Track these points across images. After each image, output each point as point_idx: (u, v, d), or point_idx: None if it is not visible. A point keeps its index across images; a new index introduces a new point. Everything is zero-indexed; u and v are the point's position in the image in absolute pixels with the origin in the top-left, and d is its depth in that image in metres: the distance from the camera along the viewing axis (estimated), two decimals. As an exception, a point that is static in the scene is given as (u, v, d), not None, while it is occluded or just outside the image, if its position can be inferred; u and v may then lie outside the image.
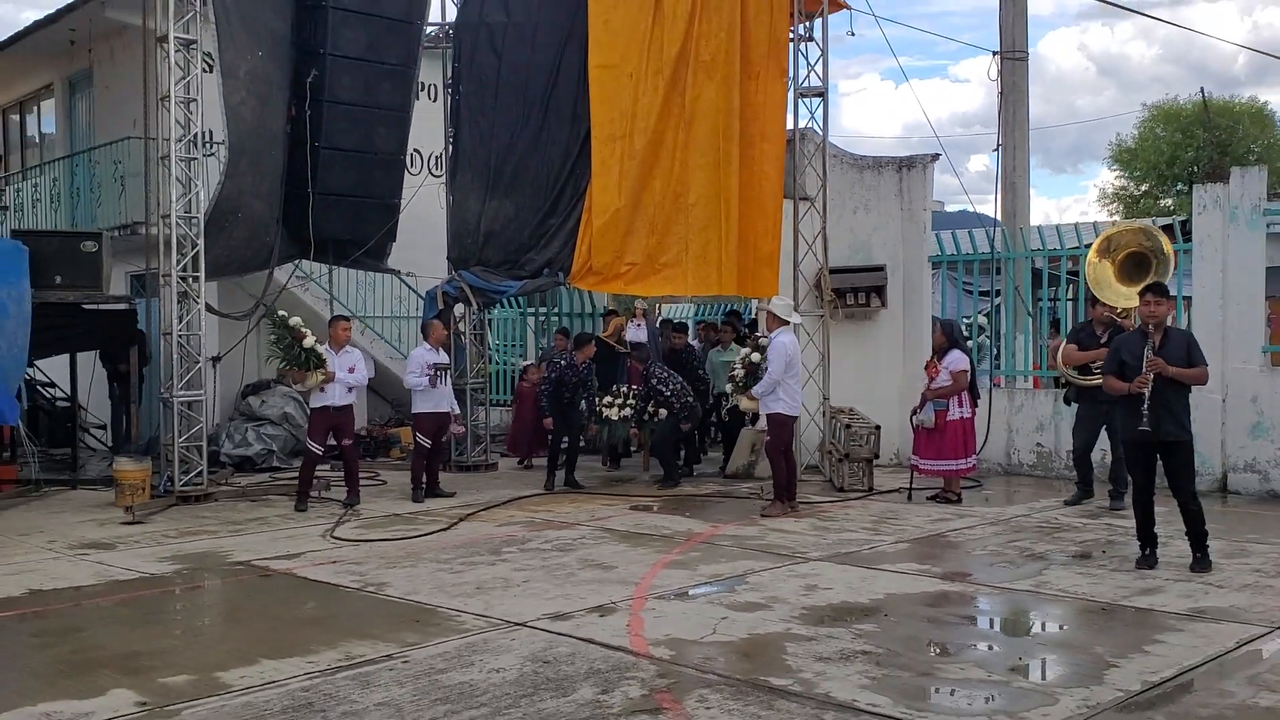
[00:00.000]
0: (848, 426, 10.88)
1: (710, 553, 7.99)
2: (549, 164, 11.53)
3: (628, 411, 11.36)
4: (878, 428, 10.91)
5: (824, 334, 11.96)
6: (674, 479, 11.10)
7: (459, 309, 12.16)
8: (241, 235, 11.52)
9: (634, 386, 11.59)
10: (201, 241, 10.74)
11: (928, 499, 10.10)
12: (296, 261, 13.45)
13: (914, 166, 12.79)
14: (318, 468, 10.08)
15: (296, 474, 10.34)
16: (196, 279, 10.74)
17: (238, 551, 8.17)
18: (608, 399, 11.48)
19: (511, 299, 14.76)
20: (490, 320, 14.49)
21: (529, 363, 13.36)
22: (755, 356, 9.45)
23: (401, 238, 13.17)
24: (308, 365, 9.68)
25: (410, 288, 15.55)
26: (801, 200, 11.89)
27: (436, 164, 15.94)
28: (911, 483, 10.24)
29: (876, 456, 10.90)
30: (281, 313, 10.04)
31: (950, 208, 24.48)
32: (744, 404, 9.66)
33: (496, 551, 8.02)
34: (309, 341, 9.72)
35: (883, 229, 12.83)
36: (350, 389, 9.90)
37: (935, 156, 12.88)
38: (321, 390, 9.79)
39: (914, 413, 10.14)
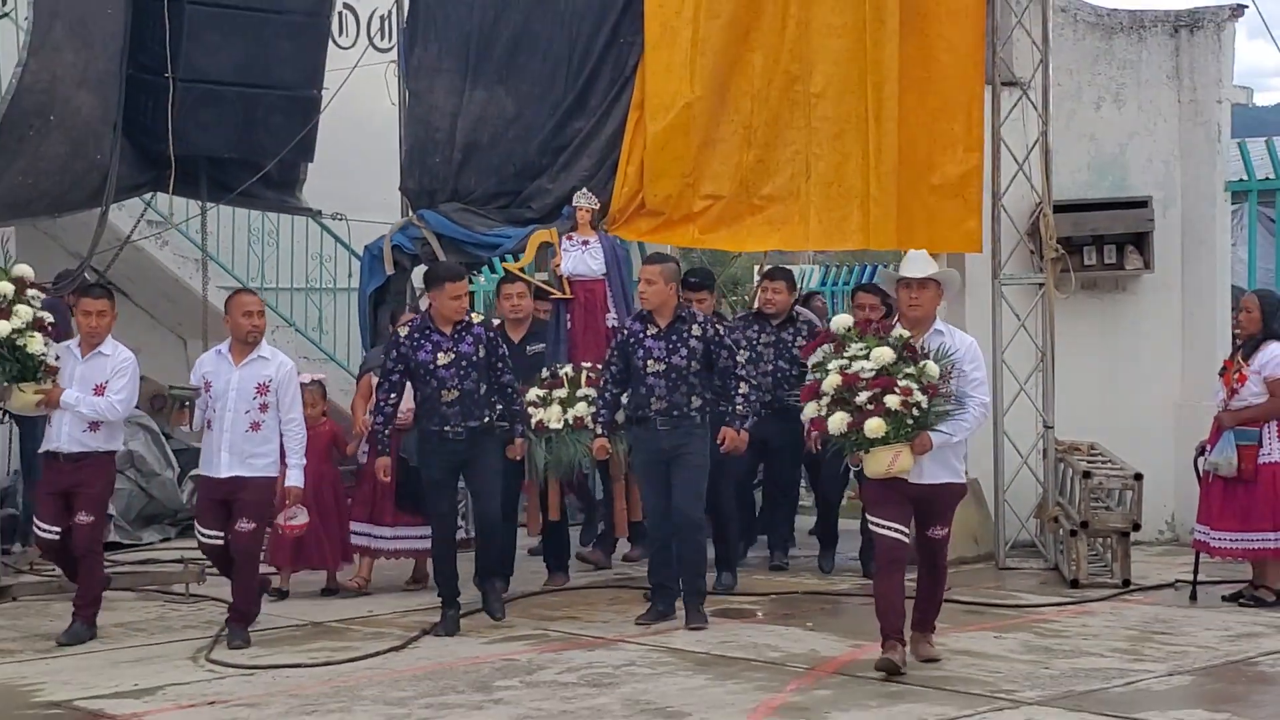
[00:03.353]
0: (1087, 475, 11.06)
1: (850, 691, 8.15)
2: (571, 27, 11.86)
3: (584, 409, 10.67)
4: (1138, 477, 11.10)
5: (1045, 316, 11.98)
6: (731, 571, 11.16)
7: (420, 275, 11.83)
8: (57, 151, 11.70)
9: (591, 365, 10.95)
10: (-11, 162, 10.93)
11: (1224, 599, 10.35)
12: (147, 197, 13.65)
13: (1201, 28, 13.00)
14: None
15: (152, 552, 10.66)
16: (-20, 224, 10.86)
17: (51, 685, 8.42)
18: (534, 392, 10.88)
19: (509, 258, 13.96)
20: (473, 294, 14.71)
21: (313, 378, 11.53)
22: (931, 368, 8.32)
23: (324, 155, 13.28)
24: (12, 369, 9.38)
25: (338, 239, 15.85)
26: (1005, 87, 12.03)
27: (382, 30, 16.33)
28: (1197, 571, 10.45)
29: (1136, 527, 11.08)
30: None
31: (1263, 99, 25.04)
32: (901, 463, 8.27)
33: (485, 687, 8.27)
34: (11, 324, 9.33)
35: (1146, 136, 13.04)
36: (93, 425, 9.58)
37: (1239, 10, 12.96)
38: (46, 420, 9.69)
39: (1201, 451, 10.38)
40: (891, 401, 8.04)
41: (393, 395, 9.71)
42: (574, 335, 11.65)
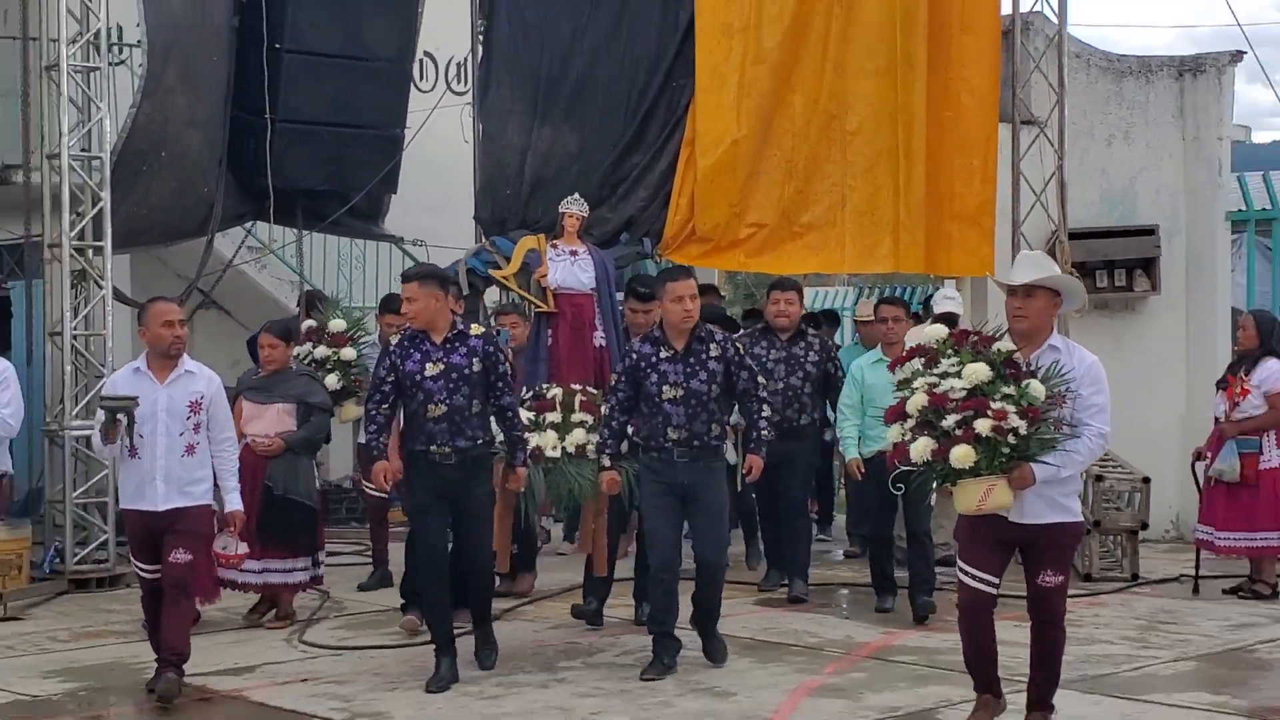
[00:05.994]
0: (1098, 479, 11.17)
1: (882, 673, 8.27)
2: (630, 72, 11.88)
3: (582, 436, 8.98)
4: (1146, 481, 11.26)
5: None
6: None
7: (492, 295, 12.17)
8: (168, 185, 12.01)
9: (582, 388, 9.31)
10: (107, 195, 11.13)
11: (1225, 592, 10.49)
12: (248, 225, 13.99)
13: (1203, 72, 13.25)
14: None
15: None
16: (100, 251, 11.13)
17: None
18: (525, 415, 8.88)
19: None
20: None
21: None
22: (1035, 388, 6.58)
23: (406, 188, 13.55)
24: None
25: (418, 263, 15.14)
26: (1024, 125, 12.42)
27: (458, 75, 16.47)
28: (1198, 567, 10.55)
29: (1144, 526, 11.23)
30: None
31: (1260, 137, 24.93)
32: (996, 499, 6.63)
33: (549, 667, 8.41)
34: None
35: (1153, 170, 13.29)
36: None
37: (1238, 56, 13.19)
38: None
39: (1199, 456, 10.60)
40: (982, 426, 6.44)
41: (384, 405, 8.24)
42: (557, 354, 10.32)
